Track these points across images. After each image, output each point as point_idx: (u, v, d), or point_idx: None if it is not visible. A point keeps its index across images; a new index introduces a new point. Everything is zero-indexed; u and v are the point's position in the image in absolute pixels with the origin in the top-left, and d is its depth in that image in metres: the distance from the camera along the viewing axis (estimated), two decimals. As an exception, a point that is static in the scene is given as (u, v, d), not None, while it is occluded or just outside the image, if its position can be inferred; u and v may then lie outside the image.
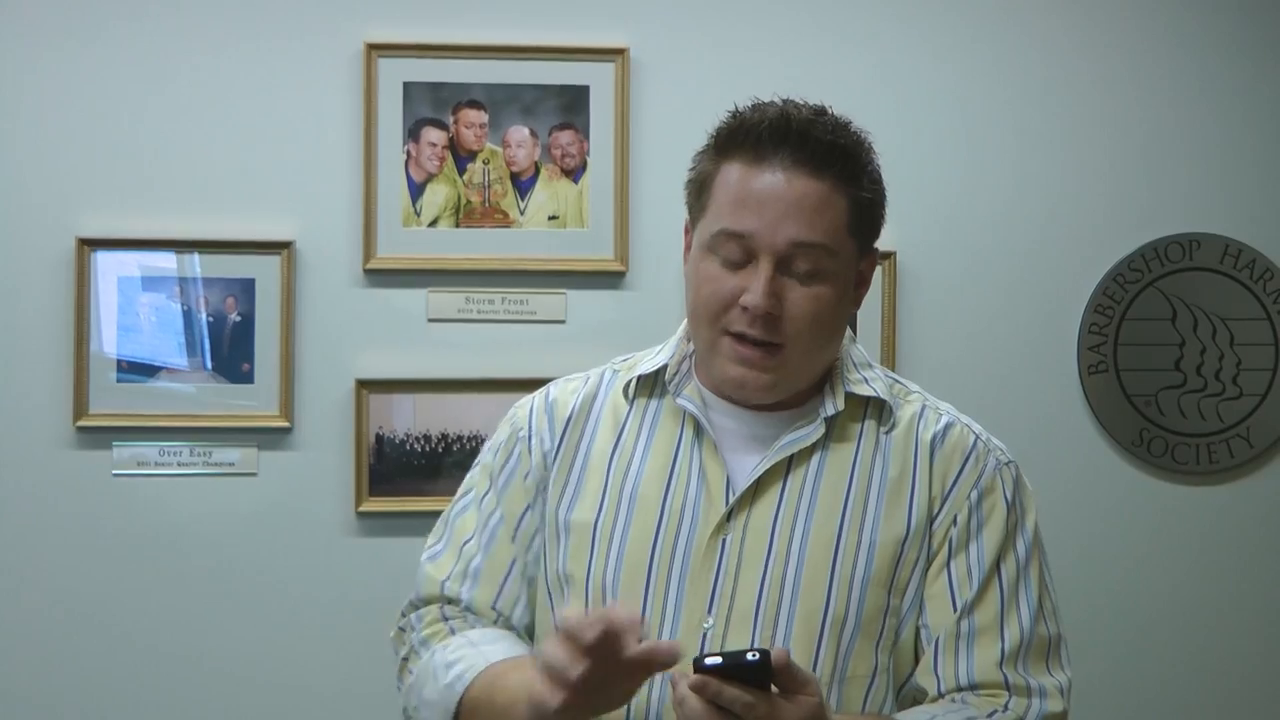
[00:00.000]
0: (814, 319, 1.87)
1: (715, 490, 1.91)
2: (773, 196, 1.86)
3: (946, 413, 2.03)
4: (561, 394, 2.05)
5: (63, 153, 3.52)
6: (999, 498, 1.97)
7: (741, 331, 1.86)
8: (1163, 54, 3.72)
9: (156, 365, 3.52)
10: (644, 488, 1.93)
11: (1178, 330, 3.72)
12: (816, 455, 1.93)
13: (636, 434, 1.98)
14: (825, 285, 1.87)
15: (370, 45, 3.54)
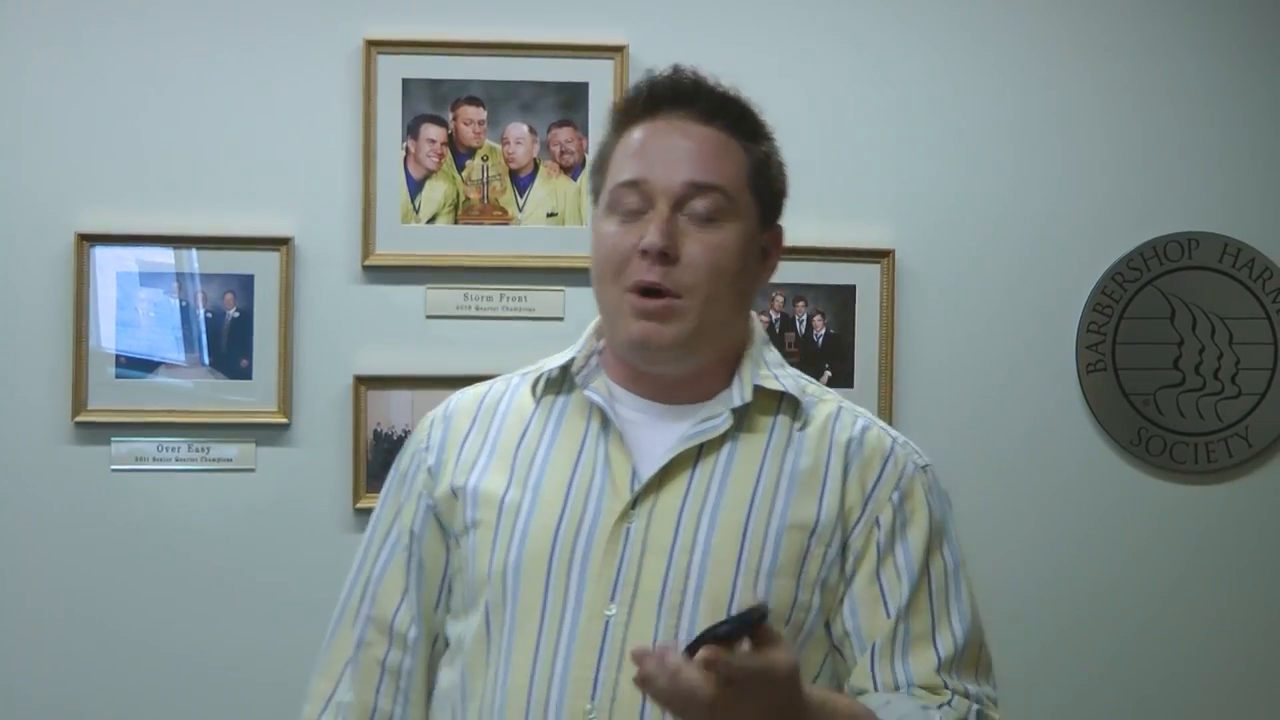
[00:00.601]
0: (713, 267, 1.86)
1: (620, 479, 1.89)
2: (667, 143, 1.90)
3: (863, 416, 2.00)
4: (462, 402, 2.07)
5: (62, 148, 3.52)
6: (920, 500, 1.96)
7: (641, 281, 1.85)
8: (1161, 52, 3.72)
9: (155, 361, 3.52)
10: (548, 478, 1.92)
11: (1176, 329, 3.72)
12: (727, 446, 1.91)
13: (543, 428, 1.97)
14: (724, 232, 1.88)
15: (369, 42, 3.54)
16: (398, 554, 2.04)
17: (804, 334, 3.62)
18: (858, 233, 3.64)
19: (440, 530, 2.01)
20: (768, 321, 3.61)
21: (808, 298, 3.62)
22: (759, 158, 1.95)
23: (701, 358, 1.92)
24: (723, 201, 1.88)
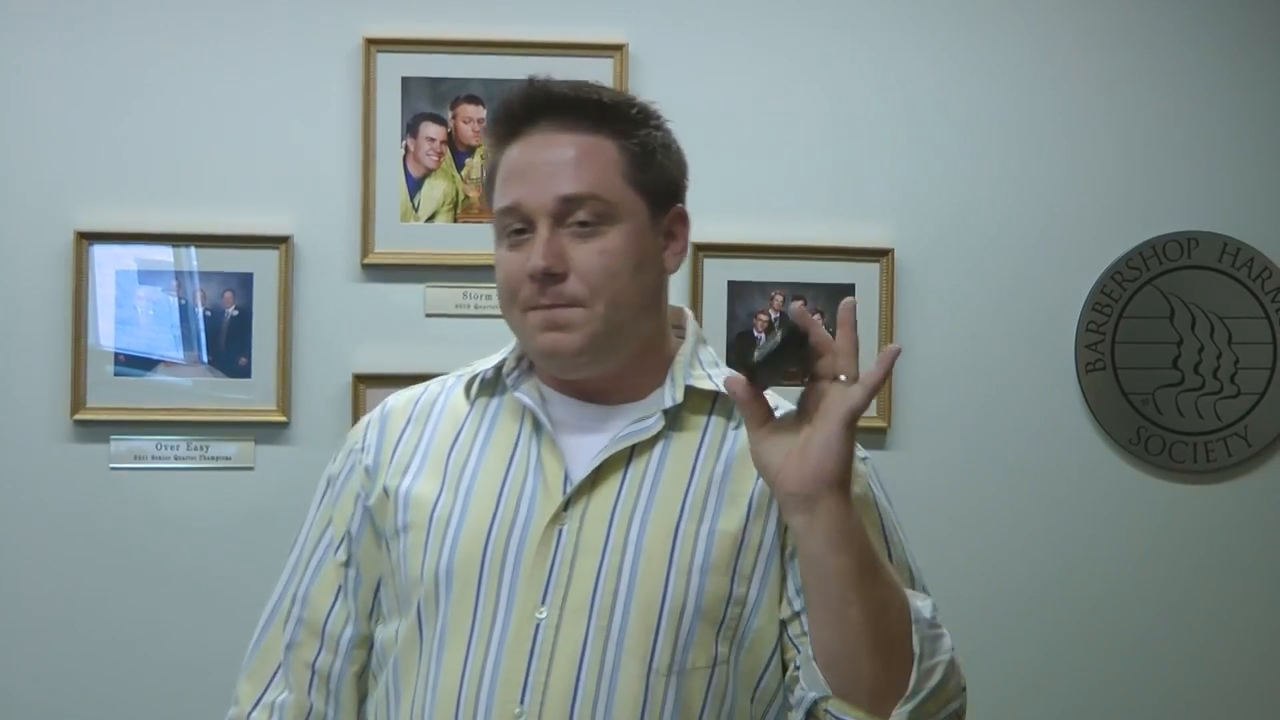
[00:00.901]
0: (604, 271, 1.85)
1: (552, 481, 1.89)
2: (536, 160, 1.88)
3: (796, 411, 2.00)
4: (398, 403, 2.07)
5: (61, 146, 3.52)
6: (868, 493, 1.96)
7: (535, 304, 1.86)
8: (1161, 51, 3.72)
9: (154, 359, 3.52)
10: (480, 481, 1.92)
11: (1176, 328, 3.72)
12: (659, 447, 1.91)
13: (475, 431, 1.98)
14: (609, 237, 1.86)
15: (368, 40, 3.54)
16: (331, 556, 2.05)
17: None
18: (857, 231, 3.64)
19: (375, 532, 2.01)
20: (766, 320, 3.61)
21: (806, 296, 3.62)
22: (635, 150, 1.91)
23: (617, 358, 1.91)
24: (600, 207, 1.87)
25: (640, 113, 1.96)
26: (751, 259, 3.62)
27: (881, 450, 3.64)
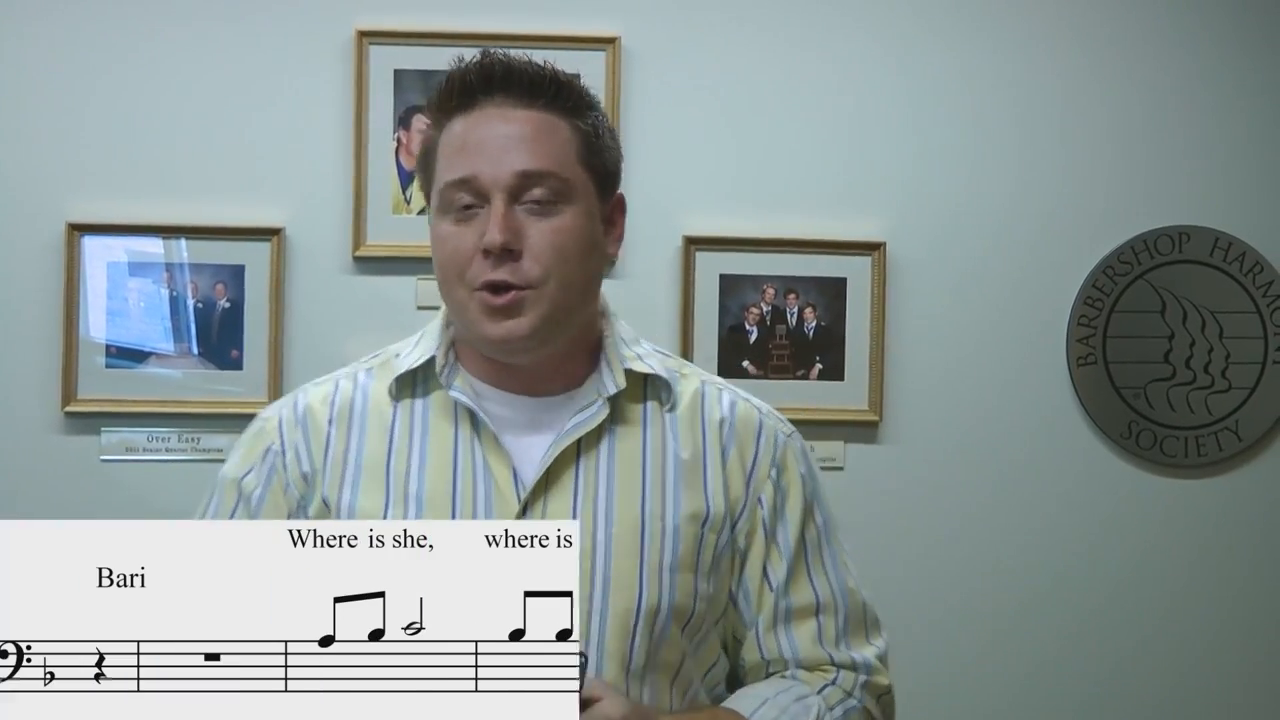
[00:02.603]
0: (558, 251, 1.80)
1: (504, 485, 1.84)
2: (491, 134, 1.81)
3: (726, 389, 1.98)
4: (314, 402, 1.95)
5: (53, 138, 3.52)
6: (795, 472, 1.96)
7: (489, 280, 1.79)
8: (1153, 47, 3.72)
9: (145, 351, 3.52)
10: (430, 490, 1.85)
11: (1167, 323, 3.72)
12: (605, 439, 1.88)
13: (409, 435, 1.89)
14: (564, 215, 1.81)
15: (361, 32, 3.54)
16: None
17: (795, 326, 3.62)
18: (849, 225, 3.64)
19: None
20: (759, 314, 3.61)
21: (799, 290, 3.62)
22: (587, 132, 1.87)
23: (559, 344, 1.87)
24: (558, 185, 1.81)
25: (588, 95, 1.90)
26: (743, 252, 3.62)
27: (873, 444, 3.64)
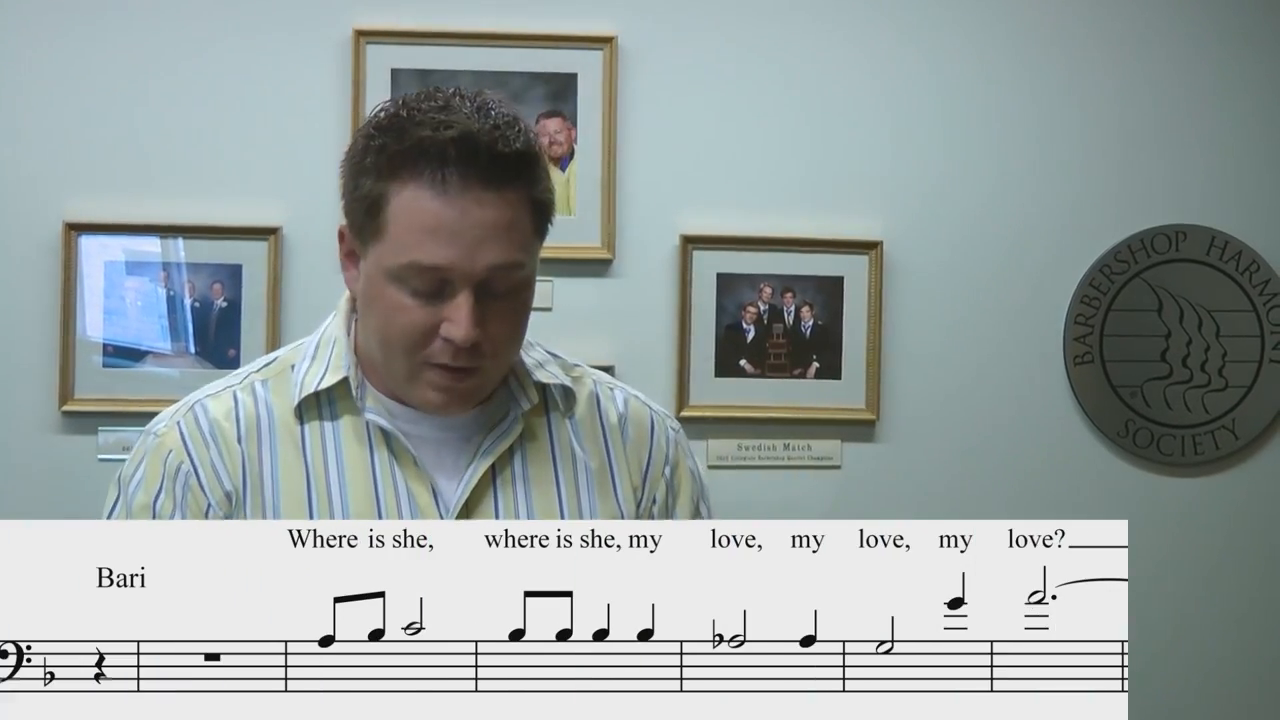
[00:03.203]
0: (513, 331, 1.81)
1: (427, 509, 1.82)
2: (466, 224, 1.71)
3: (617, 387, 1.99)
4: (217, 416, 1.87)
5: (50, 137, 3.52)
6: (684, 468, 1.99)
7: (448, 365, 1.76)
8: (1149, 45, 3.72)
9: (142, 350, 3.52)
10: (355, 517, 1.82)
11: (1164, 321, 3.72)
12: (516, 454, 1.87)
13: (323, 460, 1.84)
14: (523, 296, 1.80)
15: (359, 31, 3.54)
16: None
17: (792, 325, 3.62)
18: (846, 224, 3.64)
19: None
20: (756, 313, 3.61)
21: (796, 289, 3.62)
22: (543, 201, 1.79)
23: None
24: (521, 274, 1.77)
25: (544, 161, 1.82)
26: (740, 251, 3.62)
27: (870, 443, 3.64)
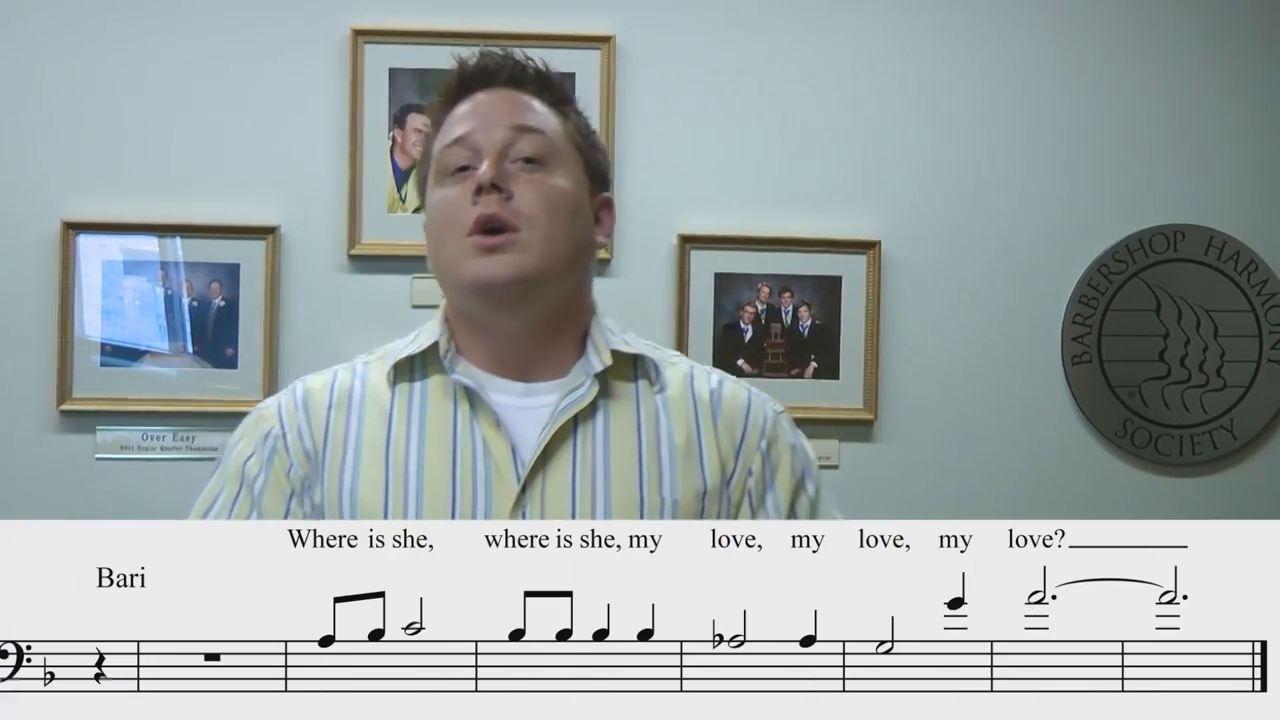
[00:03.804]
0: (546, 201, 1.87)
1: (503, 464, 1.86)
2: (485, 104, 1.92)
3: (713, 372, 2.02)
4: (313, 388, 1.98)
5: (48, 137, 3.52)
6: (784, 444, 2.00)
7: (480, 216, 1.84)
8: (1149, 46, 3.72)
9: (140, 349, 3.52)
10: (429, 470, 1.87)
11: (1162, 321, 3.72)
12: (599, 416, 1.91)
13: (407, 417, 1.92)
14: (554, 175, 1.89)
15: (356, 31, 3.54)
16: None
17: (790, 325, 3.62)
18: (844, 224, 3.64)
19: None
20: (754, 312, 3.61)
21: (794, 289, 3.62)
22: (576, 121, 1.97)
23: (544, 302, 1.90)
24: (547, 145, 1.90)
25: (573, 98, 2.02)
26: (738, 251, 3.62)
27: (868, 442, 3.65)
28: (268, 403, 2.00)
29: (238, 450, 1.97)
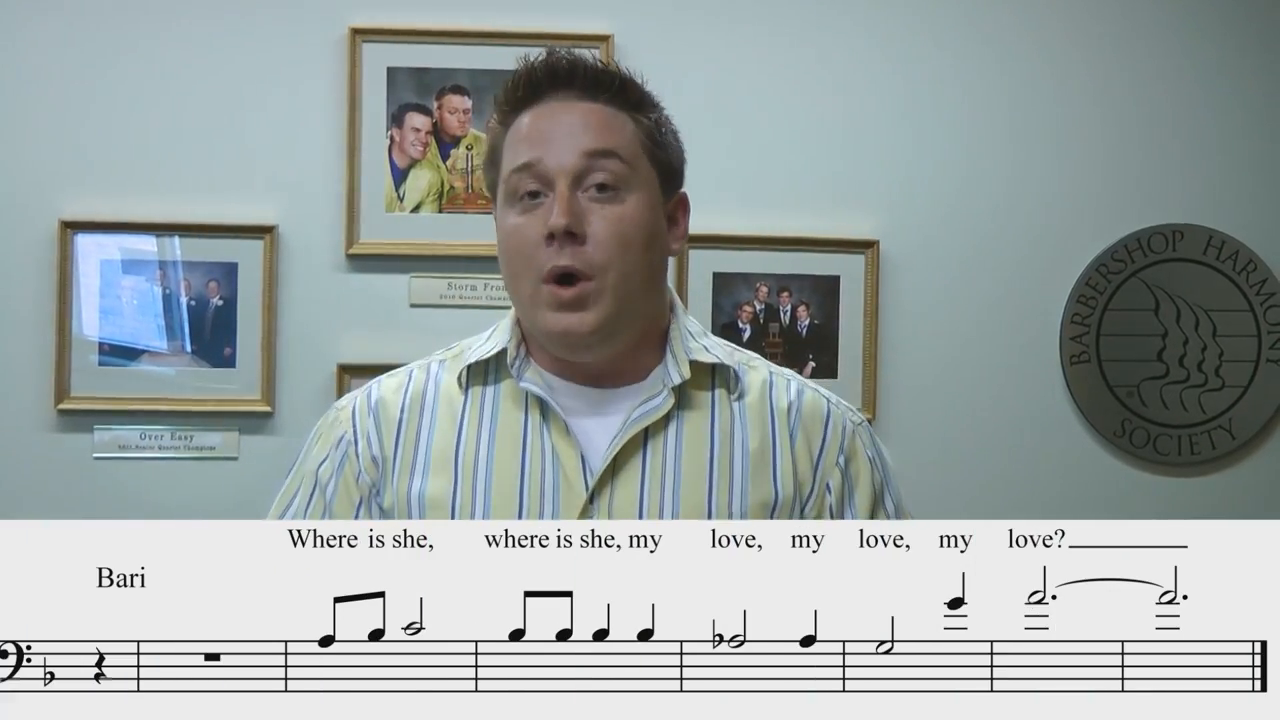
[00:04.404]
0: (620, 239, 1.84)
1: (572, 472, 1.86)
2: (556, 122, 1.87)
3: (794, 379, 2.00)
4: (386, 392, 1.98)
5: (45, 135, 3.52)
6: (863, 459, 1.97)
7: (556, 268, 1.82)
8: (1148, 45, 3.72)
9: (138, 349, 3.52)
10: (497, 476, 1.87)
11: (1160, 321, 3.72)
12: (672, 426, 1.89)
13: (478, 422, 1.91)
14: (627, 203, 1.86)
15: (354, 30, 3.54)
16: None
17: (788, 324, 3.62)
18: (842, 223, 3.64)
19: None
20: (752, 312, 3.61)
21: (792, 288, 3.62)
22: (649, 126, 1.92)
23: (624, 339, 1.89)
24: (620, 168, 1.86)
25: (651, 97, 1.97)
26: (737, 250, 3.62)
27: (866, 442, 3.64)
28: (343, 402, 2.02)
29: (314, 452, 2.00)
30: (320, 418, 2.05)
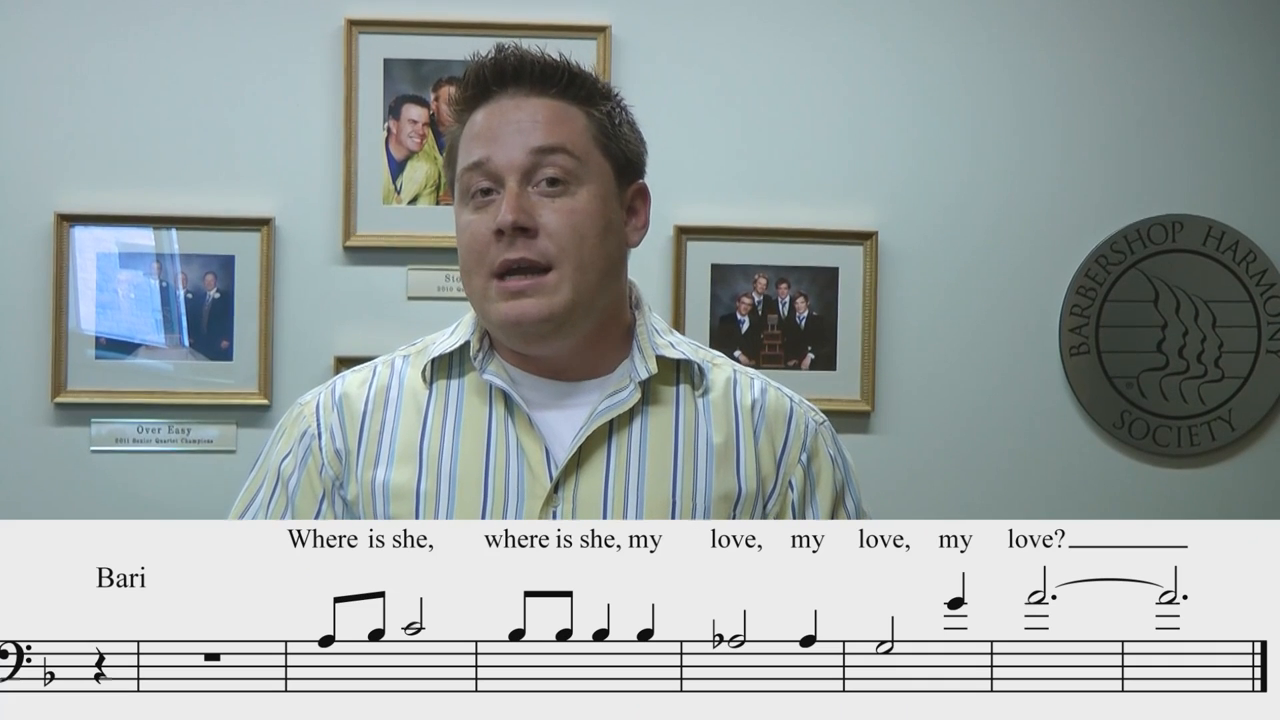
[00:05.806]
0: (573, 231, 1.85)
1: (536, 464, 1.87)
2: (505, 120, 1.88)
3: (757, 377, 2.02)
4: (350, 387, 1.98)
5: (41, 128, 3.51)
6: (825, 458, 2.00)
7: (506, 261, 1.84)
8: (1147, 35, 3.72)
9: (135, 342, 3.52)
10: (462, 467, 1.88)
11: (1160, 312, 3.72)
12: (637, 420, 1.91)
13: (443, 415, 1.93)
14: (578, 198, 1.87)
15: (351, 21, 3.53)
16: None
17: (786, 316, 3.62)
18: (841, 215, 3.63)
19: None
20: (750, 303, 3.61)
21: (790, 280, 3.62)
22: (600, 119, 1.92)
23: (579, 330, 1.89)
24: (570, 162, 1.87)
25: (604, 88, 1.97)
26: (734, 242, 3.61)
27: (865, 434, 3.64)
28: (307, 397, 2.02)
29: (277, 448, 2.00)
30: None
